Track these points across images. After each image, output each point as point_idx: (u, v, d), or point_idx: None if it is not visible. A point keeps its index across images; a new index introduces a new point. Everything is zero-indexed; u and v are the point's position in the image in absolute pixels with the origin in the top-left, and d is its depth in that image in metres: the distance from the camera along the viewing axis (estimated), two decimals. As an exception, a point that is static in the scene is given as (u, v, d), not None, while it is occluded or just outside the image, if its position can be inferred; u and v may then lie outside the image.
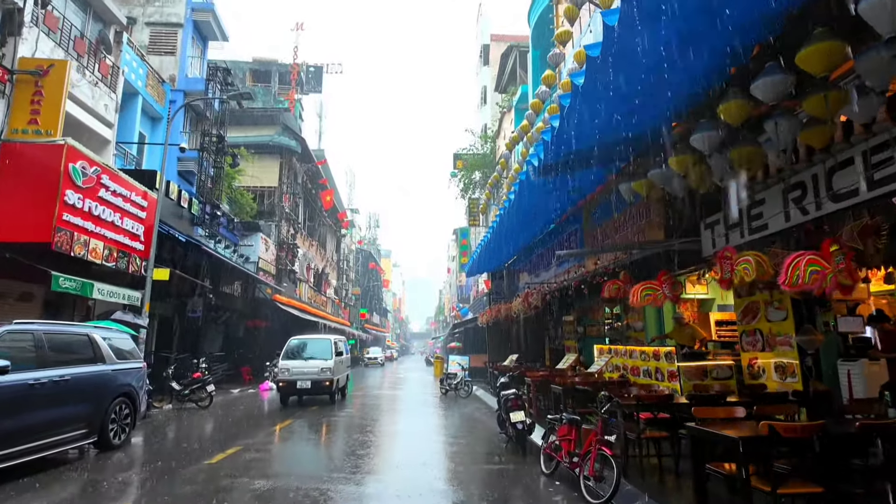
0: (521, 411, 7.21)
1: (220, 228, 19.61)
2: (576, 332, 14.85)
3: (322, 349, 13.96)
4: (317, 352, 13.89)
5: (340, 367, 14.38)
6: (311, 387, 13.10)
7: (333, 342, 14.29)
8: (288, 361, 13.62)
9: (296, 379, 13.11)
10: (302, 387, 13.13)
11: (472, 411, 12.89)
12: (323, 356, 13.66)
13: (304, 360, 13.58)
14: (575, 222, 11.24)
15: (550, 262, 12.93)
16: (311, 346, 14.22)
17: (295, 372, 13.22)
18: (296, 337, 15.06)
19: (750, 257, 4.59)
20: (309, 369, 13.27)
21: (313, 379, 13.12)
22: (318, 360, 13.53)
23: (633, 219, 8.37)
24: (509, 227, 12.62)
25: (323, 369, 13.31)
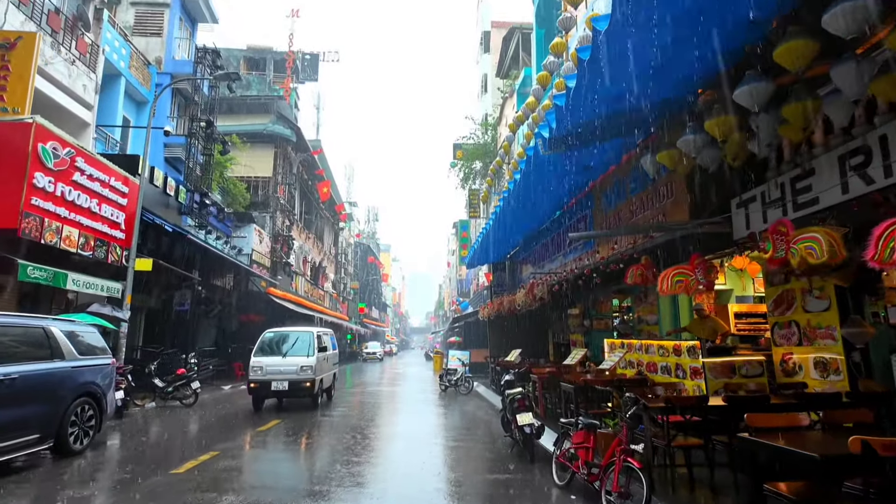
0: (529, 413, 6.44)
1: (210, 218, 18.81)
2: (582, 326, 14.09)
3: (302, 344, 12.10)
4: (296, 347, 12.05)
5: (325, 366, 12.58)
6: (288, 388, 11.25)
7: (316, 336, 12.35)
8: (261, 358, 11.65)
9: (270, 379, 11.26)
10: (278, 388, 11.27)
11: (474, 410, 12.14)
12: (303, 352, 11.80)
13: (281, 357, 11.69)
14: (584, 207, 10.44)
15: (557, 251, 12.15)
16: (290, 341, 12.33)
17: (269, 370, 11.38)
18: (271, 329, 13.04)
19: (818, 234, 3.79)
20: (286, 368, 11.42)
21: (291, 379, 11.28)
22: (297, 357, 11.65)
23: (652, 200, 7.57)
24: (513, 214, 11.83)
25: (303, 368, 11.43)
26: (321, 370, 12.12)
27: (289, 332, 12.91)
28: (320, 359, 12.09)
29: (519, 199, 10.78)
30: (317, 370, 11.69)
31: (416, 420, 10.80)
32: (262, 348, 12.12)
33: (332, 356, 13.74)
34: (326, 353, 12.81)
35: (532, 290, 10.76)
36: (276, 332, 12.85)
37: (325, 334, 13.56)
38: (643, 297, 10.64)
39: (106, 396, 7.13)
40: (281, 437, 8.55)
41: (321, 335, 12.80)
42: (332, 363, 13.77)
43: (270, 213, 27.07)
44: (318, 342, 12.29)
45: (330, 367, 13.40)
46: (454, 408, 12.66)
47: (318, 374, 11.87)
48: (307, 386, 11.38)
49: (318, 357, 11.84)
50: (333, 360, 14.11)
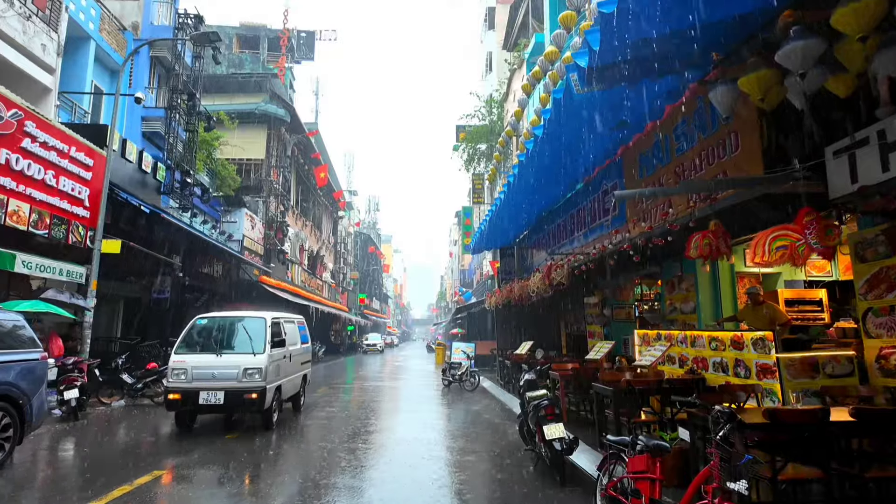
0: (560, 424, 5.04)
1: (194, 200, 17.38)
2: (601, 316, 12.67)
3: (249, 336, 8.33)
4: (239, 340, 8.36)
5: (285, 367, 8.93)
6: (224, 402, 7.70)
7: (270, 323, 8.54)
8: (186, 356, 8.01)
9: (196, 388, 7.67)
10: (208, 401, 7.67)
11: (482, 410, 10.76)
12: (249, 348, 8.13)
13: (215, 355, 7.96)
14: (611, 176, 8.98)
15: (576, 230, 10.71)
16: (231, 331, 8.59)
17: (197, 375, 7.76)
18: (205, 314, 9.28)
19: None
20: (222, 371, 7.80)
21: (229, 388, 7.70)
22: (239, 356, 8.01)
23: (708, 157, 6.12)
24: (524, 190, 10.39)
25: (248, 371, 7.81)
26: (278, 374, 8.52)
27: (230, 317, 9.04)
28: (276, 357, 8.43)
29: (533, 172, 9.34)
30: (269, 374, 8.01)
31: (415, 424, 9.35)
32: (190, 341, 8.37)
33: (298, 353, 10.01)
34: (286, 348, 9.08)
35: (549, 274, 9.35)
36: (212, 318, 8.99)
37: (289, 322, 9.91)
38: (677, 282, 9.23)
39: (31, 400, 5.74)
40: (254, 447, 7.17)
41: (279, 323, 9.05)
42: (299, 362, 10.07)
43: (263, 198, 25.64)
44: (274, 333, 8.59)
45: (295, 369, 9.68)
46: (459, 407, 11.30)
47: (273, 379, 8.21)
48: (252, 398, 7.69)
49: (271, 355, 8.18)
50: (303, 358, 10.46)
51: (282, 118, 26.30)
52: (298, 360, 10.08)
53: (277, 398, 8.61)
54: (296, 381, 9.87)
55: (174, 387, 7.82)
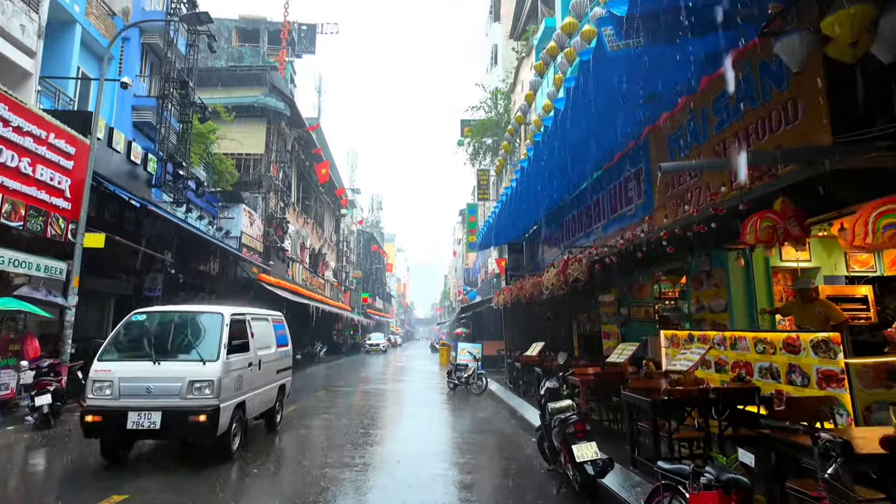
0: (592, 443, 4.23)
1: (189, 194, 16.64)
2: (617, 315, 11.87)
3: (198, 337, 6.49)
4: (185, 342, 6.49)
5: (251, 377, 7.04)
6: (160, 426, 5.81)
7: (227, 321, 6.54)
8: (112, 363, 6.15)
9: (125, 407, 5.83)
10: (139, 425, 5.79)
11: (491, 417, 9.95)
12: (196, 353, 6.24)
13: (152, 363, 6.08)
14: (636, 161, 8.16)
15: (594, 222, 9.89)
16: (176, 331, 6.63)
17: (126, 389, 5.93)
18: (143, 309, 7.24)
19: None
20: (160, 384, 5.95)
21: (168, 408, 5.86)
22: (183, 363, 6.18)
23: (758, 130, 5.29)
24: (537, 178, 9.59)
25: (195, 384, 5.96)
26: (239, 387, 6.61)
27: (175, 313, 7.01)
28: (236, 365, 6.49)
29: (548, 155, 8.53)
30: (225, 388, 6.10)
31: (418, 434, 8.52)
32: (121, 344, 6.43)
33: (272, 359, 7.98)
34: (253, 353, 7.11)
35: (565, 269, 8.54)
36: (153, 313, 7.04)
37: (259, 319, 7.86)
38: (705, 278, 8.44)
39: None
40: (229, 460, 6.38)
41: (243, 320, 7.09)
42: (273, 370, 8.05)
43: (262, 194, 24.90)
44: (234, 333, 6.63)
45: (267, 379, 7.70)
46: (465, 414, 10.50)
47: (231, 394, 6.29)
48: (200, 421, 5.79)
49: (228, 362, 6.25)
50: (279, 365, 8.38)
51: (281, 112, 25.57)
52: (272, 367, 8.00)
53: (240, 418, 6.64)
54: (268, 395, 7.83)
55: (94, 405, 5.86)
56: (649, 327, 11.80)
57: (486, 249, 32.50)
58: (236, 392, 6.55)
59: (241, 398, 6.70)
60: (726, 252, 7.78)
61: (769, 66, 5.20)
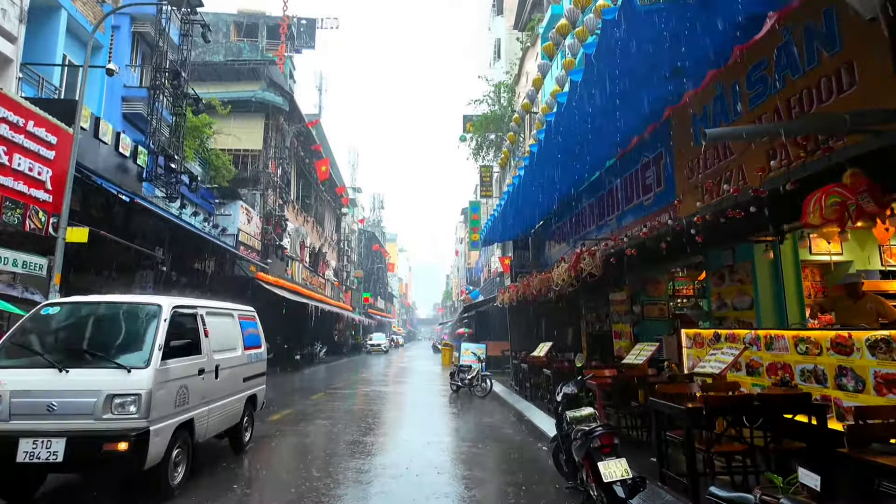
0: (622, 459, 3.62)
1: (182, 188, 16.07)
2: (630, 314, 11.24)
3: (123, 335, 5.13)
4: (104, 343, 5.04)
5: (202, 387, 5.60)
6: (64, 458, 4.31)
7: (166, 316, 5.10)
8: (1, 372, 4.63)
9: (15, 432, 4.38)
10: (34, 457, 4.29)
11: (498, 423, 9.32)
12: (119, 357, 4.76)
13: (57, 371, 4.58)
14: (655, 146, 7.53)
15: (606, 214, 9.26)
16: (94, 329, 5.23)
17: (18, 407, 4.47)
18: (53, 301, 5.92)
19: None
20: (66, 400, 4.49)
21: (76, 433, 4.40)
22: (99, 371, 4.68)
23: (802, 102, 4.65)
24: (546, 167, 8.97)
25: (114, 399, 4.52)
26: (184, 401, 5.17)
27: (96, 304, 5.46)
28: (178, 373, 5.07)
29: (559, 140, 7.91)
30: (159, 404, 4.74)
31: (418, 443, 7.89)
32: (16, 346, 4.94)
33: (237, 363, 6.60)
34: (206, 357, 5.69)
35: (577, 263, 7.92)
36: (65, 304, 5.45)
37: (218, 314, 6.46)
38: (727, 273, 7.82)
39: None
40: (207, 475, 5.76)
41: (195, 315, 5.72)
42: (240, 378, 6.70)
43: (261, 191, 24.34)
44: (175, 332, 5.18)
45: (229, 388, 6.31)
46: (470, 419, 9.87)
47: (168, 411, 4.89)
48: (119, 450, 4.38)
49: (165, 369, 4.85)
50: (247, 371, 6.95)
51: (280, 107, 25.01)
52: (237, 374, 6.58)
53: (186, 442, 5.19)
54: (231, 409, 6.38)
55: None
56: (663, 326, 11.18)
57: (489, 247, 31.93)
58: (178, 408, 5.04)
59: (185, 416, 5.17)
60: (752, 245, 7.16)
61: (816, 29, 4.58)
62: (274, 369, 21.07)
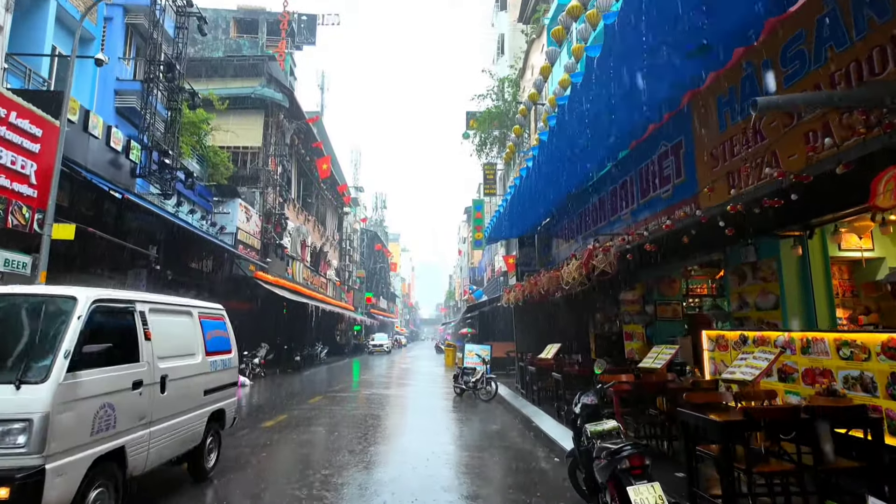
0: (655, 484, 3.10)
1: (178, 185, 15.62)
2: (642, 314, 10.75)
3: (22, 338, 3.77)
4: None
5: (141, 405, 4.35)
6: None
7: (83, 312, 3.81)
8: None
9: None
10: None
11: (504, 430, 8.81)
12: (7, 367, 3.55)
13: None
14: (672, 135, 7.01)
15: (619, 209, 8.75)
16: None
17: None
18: None
19: None
20: None
21: None
22: None
23: (849, 76, 4.14)
24: (556, 158, 8.48)
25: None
26: (108, 424, 3.93)
27: None
28: (98, 387, 3.85)
29: (569, 131, 7.42)
30: (61, 432, 3.46)
31: (419, 454, 7.41)
32: None
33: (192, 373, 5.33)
34: (143, 367, 4.40)
35: (589, 259, 7.40)
36: None
37: (162, 310, 5.04)
38: (749, 270, 7.33)
39: None
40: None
41: (120, 312, 4.36)
42: (200, 391, 5.51)
43: (260, 189, 23.89)
44: (95, 332, 3.89)
45: (184, 404, 5.15)
46: (474, 425, 9.37)
47: (79, 441, 3.65)
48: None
49: (71, 384, 3.59)
50: (209, 383, 5.70)
51: (280, 103, 24.56)
52: (196, 386, 5.40)
53: (112, 477, 4.01)
54: (187, 429, 5.16)
55: None
56: (677, 327, 10.67)
57: (493, 247, 31.42)
58: (98, 435, 3.80)
59: (110, 445, 3.94)
60: (777, 240, 6.65)
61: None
62: (274, 371, 20.68)
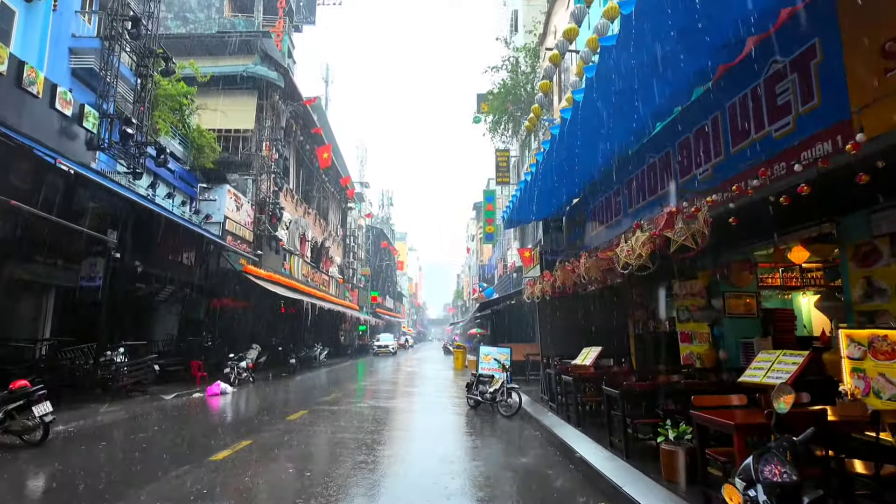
0: None
1: (149, 163, 13.61)
2: (708, 310, 8.52)
3: None
4: None
5: None
6: None
7: None
8: None
9: None
10: None
11: (538, 463, 6.59)
12: None
13: None
14: (792, 44, 4.76)
15: (694, 165, 6.48)
16: None
17: None
18: None
19: None
20: None
21: None
22: None
23: None
24: (602, 100, 6.28)
25: None
26: None
27: None
28: None
29: (622, 68, 5.26)
30: None
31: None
32: None
33: None
34: None
35: (668, 227, 5.18)
36: None
37: None
38: (886, 246, 5.18)
39: None
40: None
41: None
42: None
43: (253, 176, 21.87)
44: None
45: None
46: (497, 454, 7.18)
47: None
48: None
49: None
50: None
51: (275, 83, 22.51)
52: None
53: None
54: None
55: None
56: (752, 325, 8.46)
57: (505, 241, 29.18)
58: None
59: None
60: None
61: None
62: (266, 375, 18.61)
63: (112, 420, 9.33)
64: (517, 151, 26.75)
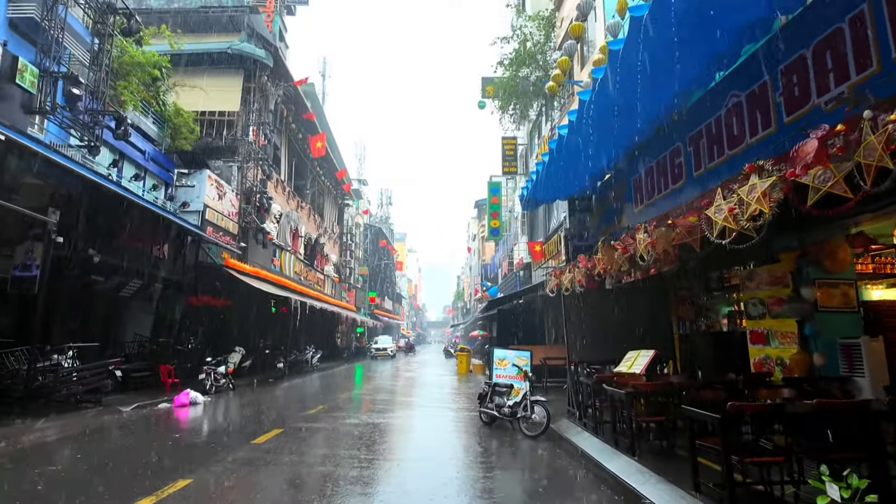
0: None
1: (106, 134, 11.70)
2: (795, 301, 6.58)
3: None
4: None
5: None
6: None
7: None
8: None
9: None
10: None
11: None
12: None
13: None
14: None
15: (789, 111, 4.54)
16: None
17: None
18: None
19: None
20: None
21: None
22: None
23: None
24: (646, 58, 4.40)
25: None
26: None
27: None
28: None
29: None
30: None
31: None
32: None
33: None
34: None
35: (820, 159, 3.29)
36: None
37: None
38: None
39: None
40: None
41: None
42: None
43: (239, 163, 19.96)
44: None
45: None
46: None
47: None
48: None
49: None
50: None
51: (263, 61, 20.62)
52: None
53: None
54: None
55: None
56: (849, 322, 6.56)
57: (510, 237, 27.24)
58: None
59: None
60: None
61: None
62: (250, 381, 16.62)
63: (34, 442, 7.38)
64: (525, 139, 24.86)
